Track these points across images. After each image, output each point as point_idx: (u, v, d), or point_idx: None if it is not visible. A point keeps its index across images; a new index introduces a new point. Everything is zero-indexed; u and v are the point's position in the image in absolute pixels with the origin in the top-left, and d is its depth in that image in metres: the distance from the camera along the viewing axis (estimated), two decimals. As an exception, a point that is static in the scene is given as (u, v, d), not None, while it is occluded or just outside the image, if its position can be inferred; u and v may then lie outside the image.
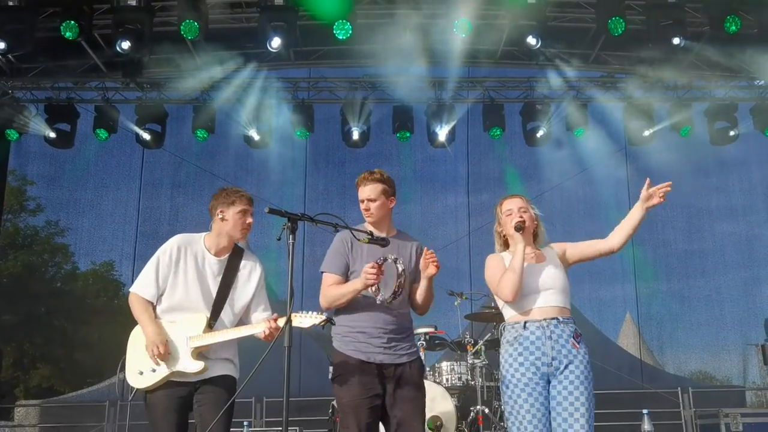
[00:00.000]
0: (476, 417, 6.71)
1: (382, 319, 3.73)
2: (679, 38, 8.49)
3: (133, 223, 10.86)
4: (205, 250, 3.94)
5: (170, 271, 3.85)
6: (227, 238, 3.93)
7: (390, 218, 3.98)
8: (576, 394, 3.42)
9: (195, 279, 3.85)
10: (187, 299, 3.83)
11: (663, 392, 9.26)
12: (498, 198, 3.96)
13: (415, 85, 10.18)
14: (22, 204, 19.15)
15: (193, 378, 3.75)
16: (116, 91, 10.36)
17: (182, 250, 3.89)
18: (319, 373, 10.21)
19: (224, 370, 3.82)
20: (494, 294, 3.75)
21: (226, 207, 3.91)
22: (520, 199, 3.82)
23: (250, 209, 3.95)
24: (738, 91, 10.51)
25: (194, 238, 3.98)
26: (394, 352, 3.72)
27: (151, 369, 3.74)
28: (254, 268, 4.01)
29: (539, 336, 3.52)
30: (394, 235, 3.94)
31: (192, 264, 3.87)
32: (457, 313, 7.27)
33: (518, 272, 3.54)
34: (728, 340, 11.19)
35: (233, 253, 3.98)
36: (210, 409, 3.68)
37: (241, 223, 3.91)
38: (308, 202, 10.87)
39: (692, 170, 10.82)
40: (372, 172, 3.93)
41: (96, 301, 20.46)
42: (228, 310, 3.89)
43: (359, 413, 3.60)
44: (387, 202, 3.91)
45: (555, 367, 3.49)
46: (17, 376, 19.20)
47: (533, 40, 8.63)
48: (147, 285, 3.84)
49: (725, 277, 11.38)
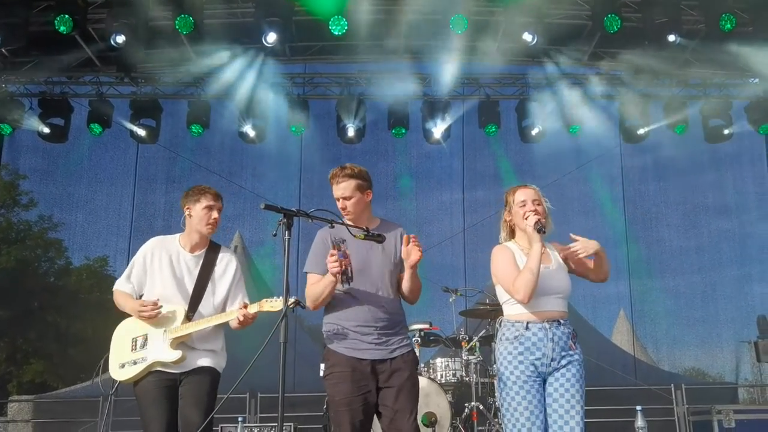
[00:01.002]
0: (471, 413, 6.72)
1: (372, 316, 3.72)
2: (675, 36, 8.51)
3: (128, 218, 10.83)
4: (180, 248, 4.11)
5: (144, 273, 4.07)
6: (197, 234, 4.09)
7: (369, 211, 3.95)
8: (572, 392, 3.45)
9: (170, 276, 4.02)
10: (164, 292, 3.99)
11: (656, 389, 9.29)
12: (493, 195, 3.94)
13: (410, 82, 10.16)
14: (15, 198, 19.08)
15: (174, 368, 3.87)
16: (110, 85, 10.31)
17: (156, 251, 4.09)
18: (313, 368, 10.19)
19: (206, 362, 3.94)
20: (505, 290, 3.66)
21: (192, 204, 4.09)
22: (533, 191, 3.75)
23: (216, 204, 4.12)
24: (733, 89, 10.53)
25: (168, 239, 4.18)
26: (386, 347, 3.71)
27: (132, 361, 3.91)
28: (230, 261, 4.17)
29: (541, 338, 3.52)
30: (377, 225, 3.92)
31: (166, 262, 4.05)
32: (451, 310, 7.27)
33: (536, 274, 3.49)
34: (721, 338, 11.27)
35: (209, 248, 4.16)
36: (189, 403, 3.81)
37: (207, 219, 4.07)
38: (303, 198, 10.86)
39: (687, 168, 10.86)
40: (343, 167, 3.88)
41: (90, 297, 20.40)
42: (207, 302, 4.04)
43: (351, 411, 3.60)
44: (363, 196, 3.87)
45: (553, 367, 3.51)
46: (10, 371, 19.15)
47: (529, 37, 8.63)
48: (123, 282, 4.09)
49: (719, 274, 11.43)
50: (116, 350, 4.02)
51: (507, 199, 3.79)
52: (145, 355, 3.89)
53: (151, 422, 3.77)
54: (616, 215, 11.18)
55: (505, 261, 3.67)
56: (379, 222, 3.97)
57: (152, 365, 3.86)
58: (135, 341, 3.97)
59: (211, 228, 4.10)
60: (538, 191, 3.76)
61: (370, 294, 3.75)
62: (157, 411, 3.78)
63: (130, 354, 3.93)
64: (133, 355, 3.92)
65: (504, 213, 3.83)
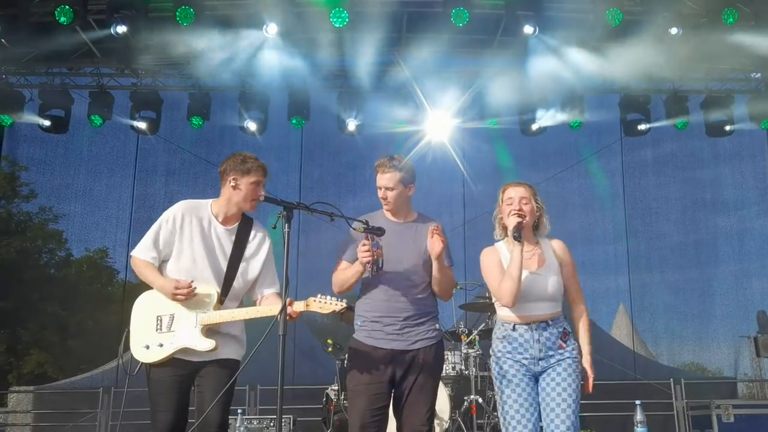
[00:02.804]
0: (470, 406, 6.75)
1: (397, 306, 3.72)
2: (677, 29, 8.48)
3: (128, 209, 10.83)
4: (212, 217, 3.78)
5: (173, 237, 3.69)
6: (236, 207, 3.77)
7: (408, 204, 3.94)
8: (564, 386, 3.45)
9: (201, 247, 3.69)
10: (194, 267, 3.68)
11: (655, 383, 9.31)
12: (493, 188, 3.92)
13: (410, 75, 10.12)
14: (15, 190, 19.06)
15: (196, 357, 3.61)
16: (111, 77, 10.28)
17: (186, 216, 3.73)
18: (312, 361, 10.23)
19: (230, 352, 3.68)
20: (493, 295, 3.71)
21: (240, 175, 3.73)
22: (524, 188, 3.71)
23: (264, 181, 3.77)
24: (734, 83, 10.49)
25: (200, 204, 3.81)
26: (406, 338, 3.70)
27: (158, 344, 3.59)
28: (264, 239, 3.85)
29: (528, 339, 3.53)
30: (413, 219, 3.92)
31: (198, 230, 3.71)
32: (451, 303, 7.26)
33: (516, 280, 3.48)
34: (720, 332, 11.26)
35: (242, 222, 3.82)
36: (209, 398, 3.54)
37: (253, 195, 3.72)
38: (303, 190, 10.86)
39: (687, 162, 10.84)
40: (391, 158, 3.85)
41: (90, 288, 20.43)
42: (238, 283, 3.75)
43: (364, 400, 3.61)
44: (405, 190, 3.87)
45: (542, 368, 3.52)
46: (10, 362, 19.19)
47: (530, 29, 8.62)
48: (146, 249, 3.69)
49: (718, 269, 11.43)
50: (139, 327, 3.67)
51: (499, 196, 3.79)
52: (173, 339, 3.58)
53: (160, 411, 3.56)
54: (615, 210, 11.18)
55: (491, 266, 3.68)
56: (416, 215, 3.97)
57: (179, 351, 3.58)
58: (160, 320, 3.64)
59: (254, 205, 3.76)
60: (530, 189, 3.72)
61: (399, 285, 3.74)
62: (168, 401, 3.56)
63: (155, 335, 3.60)
64: (159, 336, 3.59)
65: (495, 210, 3.83)
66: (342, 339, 6.91)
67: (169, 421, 3.53)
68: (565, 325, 3.60)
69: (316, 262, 9.85)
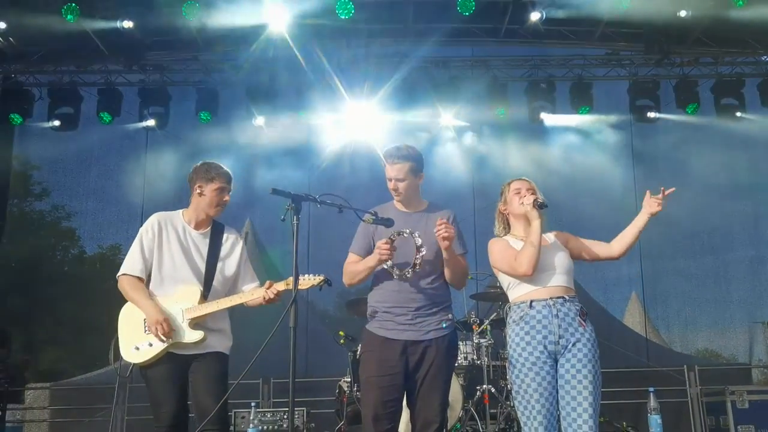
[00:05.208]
0: (482, 396, 6.74)
1: (407, 297, 3.70)
2: (686, 12, 8.41)
3: (138, 205, 10.85)
4: (185, 224, 4.01)
5: (154, 244, 3.92)
6: (204, 213, 4.01)
7: (418, 193, 3.91)
8: (584, 372, 3.42)
9: (180, 251, 3.92)
10: (175, 271, 3.89)
11: (669, 370, 9.26)
12: (502, 178, 3.93)
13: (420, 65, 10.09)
14: (28, 188, 19.17)
15: (191, 350, 3.78)
16: (119, 74, 10.32)
17: (163, 225, 3.97)
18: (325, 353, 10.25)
19: (217, 346, 3.88)
20: (507, 271, 3.66)
21: (204, 182, 3.99)
22: (528, 182, 3.81)
23: (228, 187, 4.03)
24: (745, 67, 10.39)
25: (173, 214, 4.07)
26: (419, 329, 3.68)
27: (147, 343, 3.78)
28: (236, 240, 4.11)
29: (546, 315, 3.50)
30: (424, 208, 3.89)
31: (174, 237, 3.95)
32: (462, 293, 7.25)
33: (537, 246, 3.52)
34: (734, 319, 11.18)
35: (214, 227, 4.07)
36: (203, 390, 3.74)
37: (218, 200, 4.00)
38: (312, 183, 10.82)
39: (699, 148, 10.74)
40: (399, 148, 3.80)
41: (104, 285, 20.50)
42: (218, 281, 3.95)
43: (376, 391, 3.60)
44: (416, 179, 3.84)
45: (562, 345, 3.48)
46: (27, 359, 19.35)
47: (537, 16, 8.59)
48: (134, 262, 3.91)
49: (732, 255, 11.33)
50: (127, 332, 3.89)
51: (503, 191, 3.83)
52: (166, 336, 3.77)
53: (162, 404, 3.71)
54: (625, 198, 11.09)
55: (502, 247, 3.72)
56: (427, 204, 3.94)
57: (170, 346, 3.76)
58: (147, 322, 3.84)
59: (219, 210, 4.04)
60: (533, 184, 3.80)
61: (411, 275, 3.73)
62: (168, 393, 3.72)
63: (144, 336, 3.80)
64: (148, 336, 3.78)
65: (499, 205, 3.86)
66: (354, 331, 6.92)
67: (171, 413, 3.68)
68: (582, 305, 3.60)
69: (328, 254, 9.82)
